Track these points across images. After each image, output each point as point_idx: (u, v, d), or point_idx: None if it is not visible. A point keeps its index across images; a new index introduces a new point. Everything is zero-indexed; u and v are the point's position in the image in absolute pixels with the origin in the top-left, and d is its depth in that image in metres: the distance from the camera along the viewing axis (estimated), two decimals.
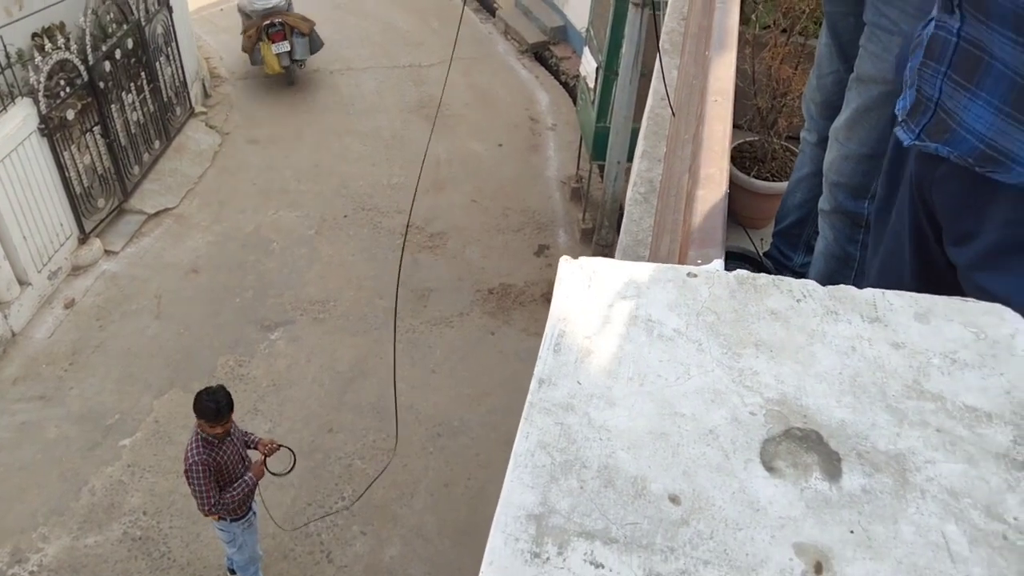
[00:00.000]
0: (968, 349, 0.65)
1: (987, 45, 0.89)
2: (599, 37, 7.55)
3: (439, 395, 6.90)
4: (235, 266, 7.88)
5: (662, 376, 0.62)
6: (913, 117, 1.01)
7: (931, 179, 1.02)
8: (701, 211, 0.73)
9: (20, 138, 6.60)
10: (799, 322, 0.68)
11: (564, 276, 0.72)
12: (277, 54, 9.50)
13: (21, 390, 6.58)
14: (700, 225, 0.72)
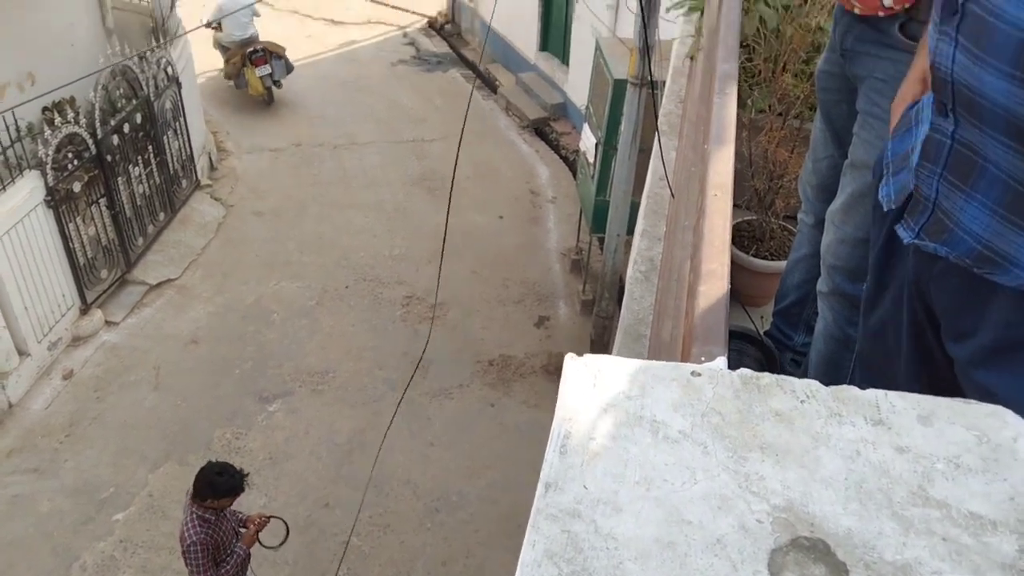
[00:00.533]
0: (971, 453, 0.65)
1: (981, 148, 0.91)
2: (598, 114, 7.73)
3: (437, 468, 6.81)
4: (235, 337, 7.88)
5: (668, 480, 0.62)
6: (912, 215, 1.03)
7: (929, 275, 1.03)
8: (704, 306, 0.74)
9: (26, 210, 6.68)
10: (803, 424, 0.68)
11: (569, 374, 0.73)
12: (260, 76, 10.68)
13: (15, 462, 6.50)
14: (703, 321, 0.73)
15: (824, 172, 1.99)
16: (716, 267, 0.78)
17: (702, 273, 0.77)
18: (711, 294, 0.74)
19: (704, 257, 0.79)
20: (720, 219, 0.85)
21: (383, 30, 13.71)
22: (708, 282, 0.76)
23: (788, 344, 2.23)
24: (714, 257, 0.79)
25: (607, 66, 7.44)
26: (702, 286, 0.75)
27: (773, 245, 2.48)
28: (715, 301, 0.74)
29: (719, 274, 0.77)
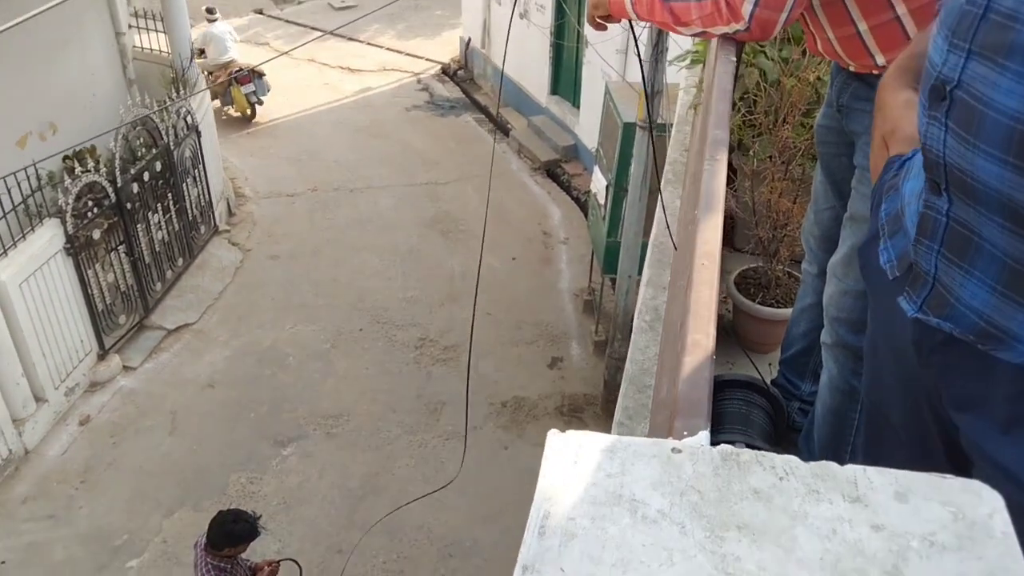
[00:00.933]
0: (946, 530, 0.65)
1: (977, 227, 0.91)
2: (608, 156, 7.80)
3: (451, 513, 6.76)
4: (251, 380, 7.92)
5: (645, 562, 0.63)
6: (915, 289, 1.03)
7: (932, 345, 1.02)
8: (688, 378, 0.75)
9: (45, 257, 6.80)
10: (781, 502, 0.69)
11: (551, 452, 0.74)
12: (245, 94, 11.73)
13: (31, 509, 6.52)
14: (687, 394, 0.74)
15: (826, 223, 2.01)
16: (701, 338, 0.79)
17: (687, 344, 0.78)
18: (696, 365, 0.75)
19: (690, 328, 0.81)
20: (707, 289, 0.86)
21: (398, 77, 13.96)
22: (693, 353, 0.77)
23: (795, 393, 2.23)
24: (699, 328, 0.81)
25: (616, 109, 7.53)
26: (687, 356, 0.77)
27: (779, 292, 2.49)
28: (699, 373, 0.75)
29: (704, 345, 0.78)
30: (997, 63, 0.84)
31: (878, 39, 1.55)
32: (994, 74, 0.84)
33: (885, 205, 1.10)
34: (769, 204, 2.34)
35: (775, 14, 1.43)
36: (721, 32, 1.52)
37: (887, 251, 1.08)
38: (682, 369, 0.74)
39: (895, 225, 1.07)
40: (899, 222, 1.05)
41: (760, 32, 1.46)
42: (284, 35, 15.19)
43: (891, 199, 1.08)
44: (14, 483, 6.71)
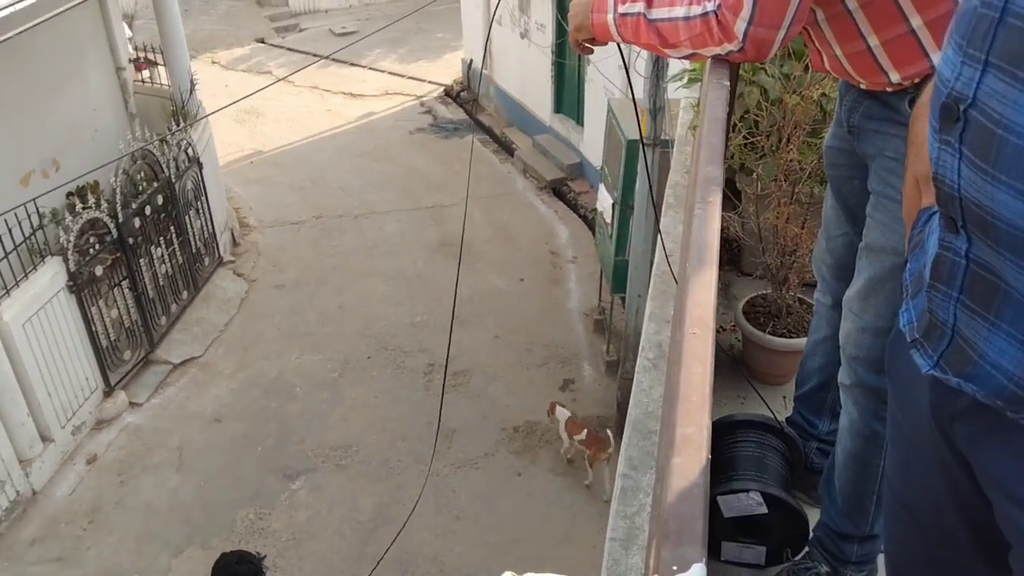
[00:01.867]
0: None
1: (1000, 271, 0.78)
2: (613, 175, 7.70)
3: (464, 544, 6.62)
4: (258, 413, 7.83)
5: None
6: (929, 342, 0.89)
7: (953, 411, 0.89)
8: (677, 488, 0.63)
9: (47, 296, 6.74)
10: None
11: None
12: None
13: (39, 551, 6.43)
14: (676, 511, 0.62)
15: (839, 251, 1.88)
16: (692, 431, 0.68)
17: (676, 440, 0.67)
18: (686, 470, 0.64)
19: (679, 418, 0.69)
20: (699, 366, 0.74)
21: (400, 100, 13.95)
22: (683, 453, 0.65)
23: (812, 432, 2.09)
24: (691, 417, 0.69)
25: (619, 127, 7.43)
26: (676, 458, 0.65)
27: (790, 321, 2.36)
28: (691, 482, 0.63)
29: (696, 442, 0.66)
30: (1018, 78, 0.71)
31: (891, 54, 1.43)
32: (1014, 91, 0.71)
33: (911, 264, 0.96)
34: (776, 229, 2.22)
35: (772, 32, 1.32)
36: (713, 53, 1.40)
37: (908, 311, 0.95)
38: (670, 475, 0.62)
39: (918, 285, 0.93)
40: (922, 280, 0.91)
41: (755, 52, 1.35)
42: (286, 63, 15.21)
43: (916, 256, 0.95)
44: (22, 525, 6.62)
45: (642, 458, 1.86)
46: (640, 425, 1.93)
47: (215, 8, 17.39)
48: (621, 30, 1.50)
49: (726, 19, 1.31)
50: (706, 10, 1.34)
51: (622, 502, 1.77)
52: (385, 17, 16.72)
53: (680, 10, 1.38)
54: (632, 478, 1.81)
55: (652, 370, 2.10)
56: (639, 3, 1.45)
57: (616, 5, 1.49)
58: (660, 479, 0.67)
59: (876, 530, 1.84)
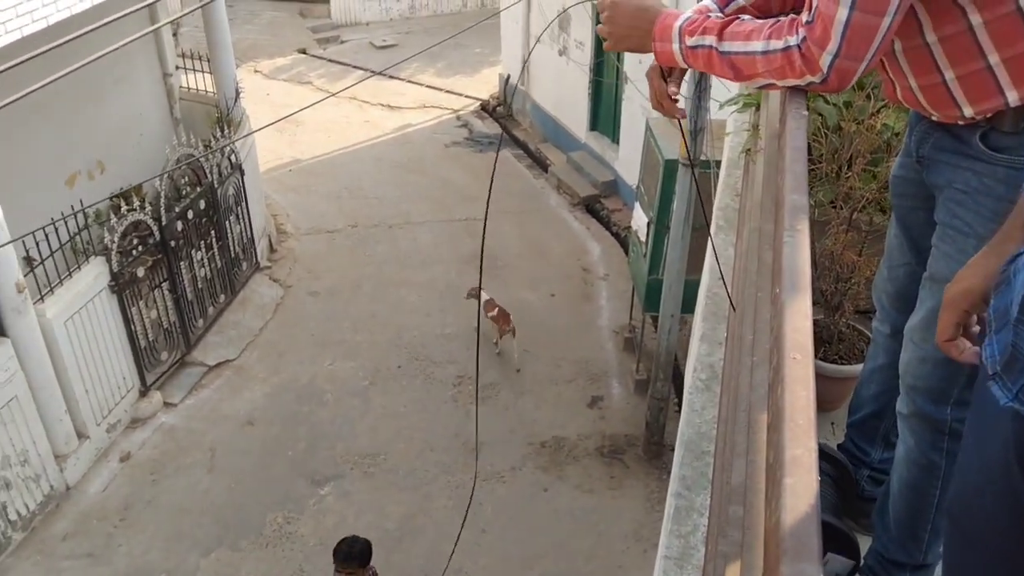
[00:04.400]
0: None
1: None
2: (649, 193, 7.71)
3: (489, 557, 6.62)
4: (289, 417, 7.90)
5: None
6: (1009, 374, 0.91)
7: None
8: (791, 507, 0.65)
9: (90, 295, 6.88)
10: None
11: None
12: None
13: (70, 547, 6.53)
14: (791, 528, 0.64)
15: (901, 280, 1.88)
16: (801, 452, 0.70)
17: (785, 460, 0.69)
18: (799, 491, 0.66)
19: (787, 440, 0.71)
20: (803, 389, 0.76)
21: (437, 113, 14.08)
22: (794, 474, 0.67)
23: (864, 460, 2.09)
24: (798, 440, 0.71)
25: (658, 146, 7.45)
26: (788, 478, 0.67)
27: (843, 348, 2.36)
28: (804, 501, 0.65)
29: (806, 463, 0.69)
30: None
31: (966, 89, 1.44)
32: None
33: (995, 300, 0.98)
34: (833, 256, 2.22)
35: (855, 64, 1.33)
36: (791, 84, 1.42)
37: (991, 346, 0.96)
38: (783, 494, 0.64)
39: (1003, 319, 0.94)
40: (1006, 316, 0.93)
41: (838, 83, 1.36)
42: (327, 74, 15.44)
43: (1002, 293, 0.96)
44: (55, 520, 6.73)
45: (696, 478, 1.87)
46: (693, 445, 1.94)
47: (259, 18, 17.70)
48: (690, 61, 1.52)
49: (811, 52, 1.33)
50: (788, 44, 1.36)
51: (676, 521, 1.79)
52: (424, 31, 16.93)
53: (758, 44, 1.40)
54: (686, 498, 1.83)
55: (705, 391, 2.11)
56: (709, 36, 1.46)
57: (683, 36, 1.50)
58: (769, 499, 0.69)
59: (929, 560, 1.84)
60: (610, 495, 7.20)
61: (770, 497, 0.69)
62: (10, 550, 6.40)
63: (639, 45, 1.58)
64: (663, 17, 1.53)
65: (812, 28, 1.32)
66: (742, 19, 1.48)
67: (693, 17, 1.51)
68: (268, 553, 6.55)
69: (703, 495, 1.82)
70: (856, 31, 1.29)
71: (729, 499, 1.22)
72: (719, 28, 1.45)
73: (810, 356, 0.83)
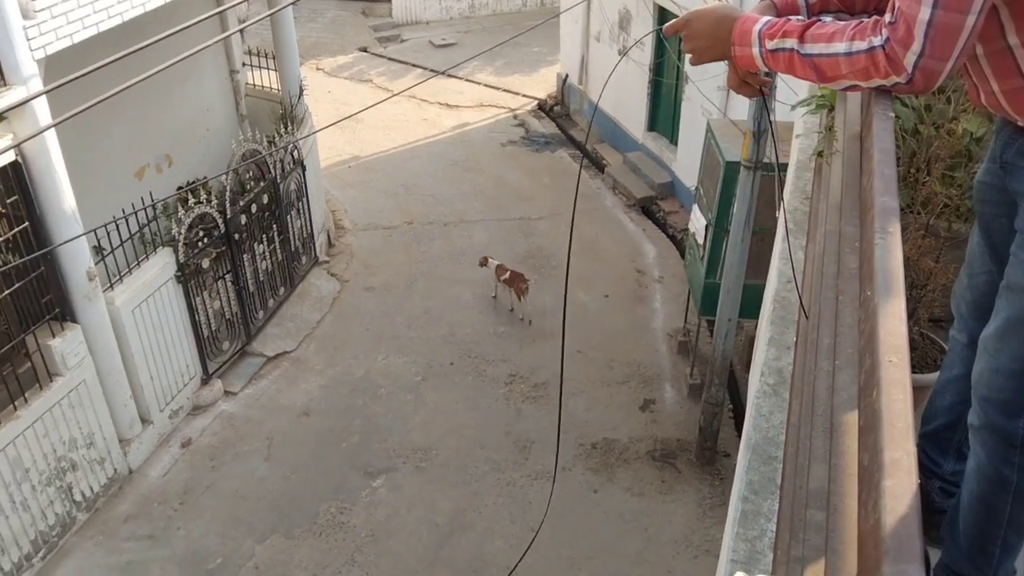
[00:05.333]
0: None
1: None
2: (709, 196, 7.62)
3: (538, 556, 6.61)
4: (344, 410, 8.03)
5: None
6: None
7: None
8: (892, 509, 0.65)
9: (157, 284, 7.09)
10: None
11: None
12: None
13: (131, 528, 6.74)
14: (893, 530, 0.64)
15: (981, 288, 1.83)
16: (901, 456, 0.69)
17: (884, 463, 0.68)
18: (899, 493, 0.65)
19: (885, 443, 0.70)
20: (900, 392, 0.75)
21: (494, 113, 14.14)
22: (894, 476, 0.66)
23: (936, 472, 2.04)
24: (897, 443, 0.70)
25: (719, 148, 7.36)
26: (887, 480, 0.66)
27: (915, 356, 2.30)
28: (905, 503, 0.64)
29: (905, 466, 0.68)
30: None
31: None
32: None
33: None
34: (908, 262, 2.17)
35: (941, 64, 1.31)
36: (876, 85, 1.40)
37: None
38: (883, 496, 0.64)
39: None
40: None
41: (924, 83, 1.34)
42: (387, 71, 15.63)
43: None
44: (117, 502, 6.96)
45: (763, 483, 1.85)
46: (761, 450, 1.92)
47: (322, 16, 18.01)
48: (771, 64, 1.51)
49: (895, 53, 1.31)
50: (872, 45, 1.34)
51: (743, 525, 1.77)
52: (484, 29, 17.02)
53: (841, 46, 1.38)
54: (753, 502, 1.81)
55: (772, 396, 2.08)
56: (790, 39, 1.45)
57: (763, 40, 1.49)
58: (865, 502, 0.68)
59: (999, 575, 1.79)
60: (660, 499, 7.15)
61: (866, 500, 0.68)
62: (74, 529, 6.64)
63: (723, 54, 1.57)
64: (741, 22, 1.53)
65: (895, 28, 1.30)
66: (823, 21, 1.47)
67: (773, 20, 1.50)
68: (321, 542, 6.67)
69: (770, 500, 1.80)
70: (940, 30, 1.27)
71: (806, 504, 1.20)
72: (800, 30, 1.44)
73: (907, 359, 0.81)
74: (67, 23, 5.66)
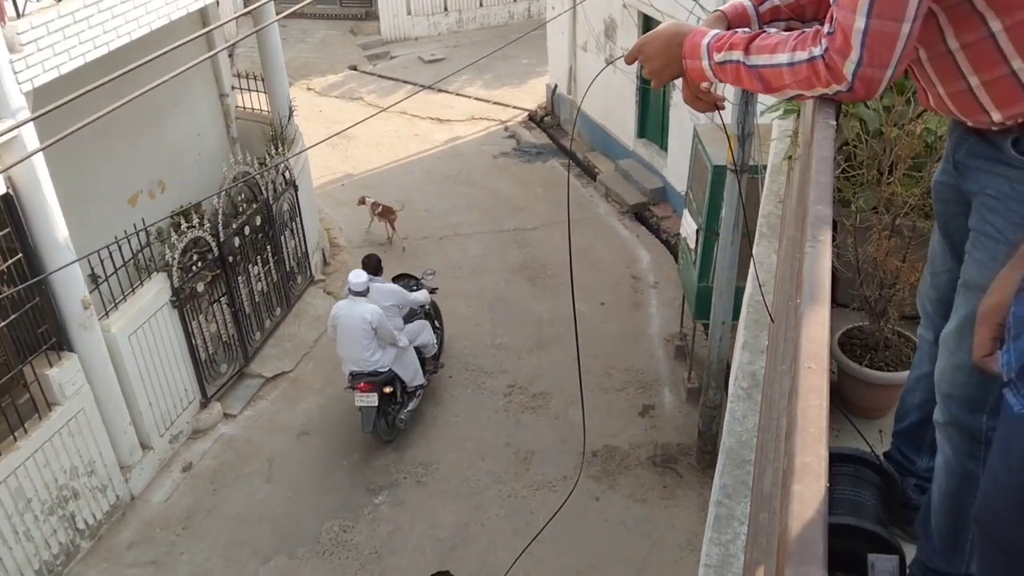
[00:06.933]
0: None
1: None
2: (698, 200, 7.66)
3: (541, 567, 6.62)
4: (344, 428, 8.04)
5: None
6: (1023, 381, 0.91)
7: None
8: (798, 513, 0.67)
9: (153, 310, 7.13)
10: None
11: None
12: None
13: (135, 555, 6.75)
14: (798, 534, 0.66)
15: (944, 286, 1.86)
16: (811, 460, 0.71)
17: (795, 467, 0.71)
18: (806, 497, 0.67)
19: (797, 447, 0.73)
20: (816, 398, 0.78)
21: (485, 125, 14.20)
22: (803, 480, 0.69)
23: (911, 468, 2.06)
24: (808, 448, 0.72)
25: (706, 153, 7.41)
26: (796, 484, 0.69)
27: (888, 355, 2.33)
28: (811, 508, 0.67)
29: (815, 470, 0.70)
30: None
31: (992, 95, 1.43)
32: None
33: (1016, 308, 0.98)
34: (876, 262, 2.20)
35: (880, 71, 1.34)
36: (819, 94, 1.43)
37: (1008, 353, 0.96)
38: (791, 500, 0.66)
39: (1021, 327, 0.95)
40: None
41: (864, 91, 1.37)
42: (377, 89, 15.71)
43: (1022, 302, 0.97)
44: (120, 528, 6.97)
45: (736, 487, 1.87)
46: (734, 454, 1.95)
47: (311, 36, 18.10)
48: (720, 75, 1.54)
49: (834, 62, 1.34)
50: (812, 55, 1.37)
51: (716, 529, 1.79)
52: (472, 44, 17.10)
53: (783, 56, 1.42)
54: (726, 506, 1.83)
55: (746, 399, 2.11)
56: (736, 51, 1.49)
57: (711, 52, 1.53)
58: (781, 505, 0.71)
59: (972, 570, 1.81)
60: (663, 505, 7.15)
61: (782, 503, 0.71)
62: (78, 558, 6.64)
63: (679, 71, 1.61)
64: (691, 36, 1.57)
65: (833, 38, 1.34)
66: (767, 32, 1.51)
67: (720, 33, 1.53)
68: (325, 561, 6.67)
69: (743, 503, 1.82)
70: (876, 38, 1.30)
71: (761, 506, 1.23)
72: (746, 42, 1.48)
73: (825, 365, 0.84)
74: (53, 55, 5.72)
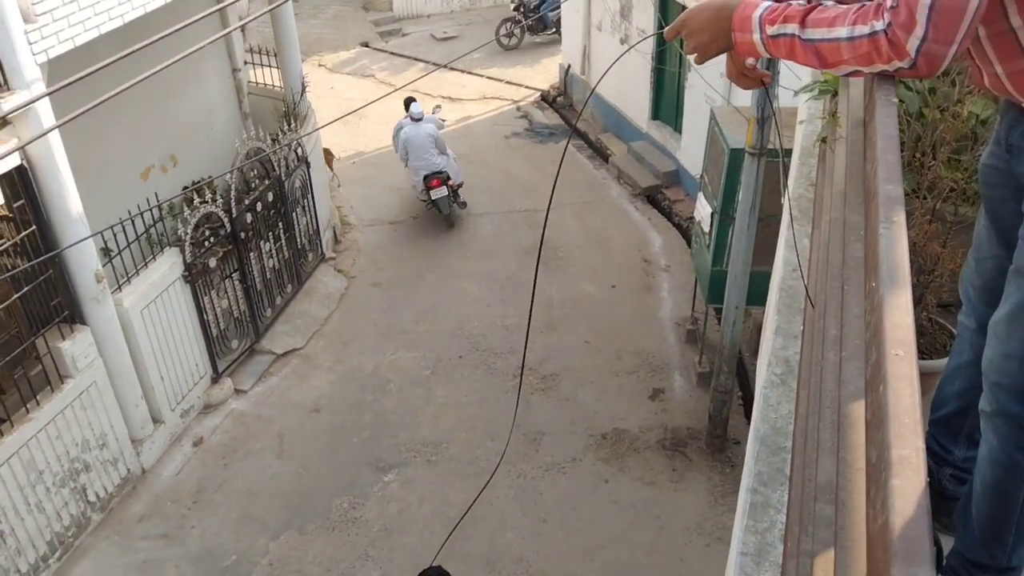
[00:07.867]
0: None
1: None
2: (713, 183, 7.59)
3: (550, 547, 6.64)
4: (354, 406, 8.05)
5: None
6: None
7: None
8: (900, 509, 0.64)
9: (165, 285, 7.12)
10: None
11: None
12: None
13: (146, 528, 6.78)
14: (902, 531, 0.63)
15: (989, 273, 1.82)
16: (909, 453, 0.68)
17: (892, 460, 0.67)
18: (907, 492, 0.64)
19: (892, 439, 0.70)
20: (907, 386, 0.74)
21: (497, 105, 14.09)
22: (902, 475, 0.66)
23: (947, 459, 2.03)
24: (905, 439, 0.69)
25: (723, 135, 7.32)
26: (895, 479, 0.66)
27: (924, 342, 2.29)
28: (913, 503, 0.64)
29: (914, 463, 0.67)
30: None
31: None
32: None
33: None
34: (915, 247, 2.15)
35: (944, 48, 1.29)
36: (878, 71, 1.39)
37: None
38: (891, 495, 0.63)
39: None
40: None
41: (927, 68, 1.32)
42: (389, 66, 15.60)
43: None
44: (131, 502, 7.00)
45: (772, 474, 1.84)
46: (769, 441, 1.91)
47: (323, 12, 17.96)
48: (772, 50, 1.49)
49: (897, 37, 1.29)
50: (875, 29, 1.32)
51: (752, 517, 1.76)
52: (485, 21, 16.96)
53: (842, 30, 1.37)
54: (762, 494, 1.80)
55: (780, 385, 2.07)
56: (791, 24, 1.44)
57: (763, 25, 1.48)
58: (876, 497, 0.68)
59: (1014, 562, 1.78)
60: (672, 488, 7.15)
61: (875, 498, 0.67)
62: (89, 530, 6.68)
63: (726, 45, 1.56)
64: (741, 8, 1.52)
65: (897, 12, 1.29)
66: (824, 5, 1.46)
67: (773, 5, 1.48)
68: (334, 537, 6.70)
69: (780, 491, 1.79)
70: (942, 13, 1.26)
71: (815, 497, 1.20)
72: (801, 15, 1.43)
73: (913, 352, 0.81)
74: (68, 26, 5.67)
